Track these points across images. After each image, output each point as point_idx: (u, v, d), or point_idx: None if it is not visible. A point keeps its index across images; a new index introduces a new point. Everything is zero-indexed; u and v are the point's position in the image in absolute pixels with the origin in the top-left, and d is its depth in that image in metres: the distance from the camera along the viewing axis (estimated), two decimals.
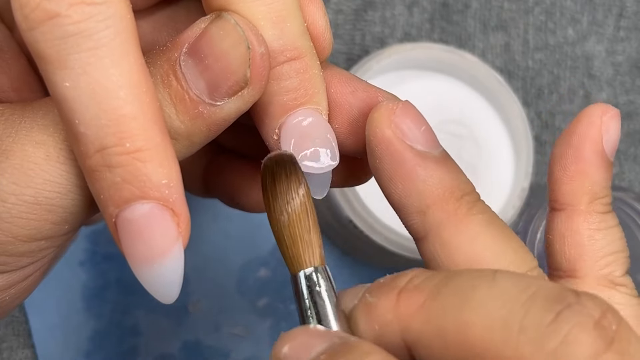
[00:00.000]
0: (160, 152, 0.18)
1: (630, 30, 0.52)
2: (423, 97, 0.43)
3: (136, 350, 0.43)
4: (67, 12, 0.17)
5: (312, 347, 0.18)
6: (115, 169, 0.17)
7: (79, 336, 0.42)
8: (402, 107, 0.21)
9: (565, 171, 0.22)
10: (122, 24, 0.17)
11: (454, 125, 0.42)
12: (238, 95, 0.19)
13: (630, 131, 0.51)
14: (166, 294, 0.19)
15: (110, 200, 0.18)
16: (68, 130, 0.18)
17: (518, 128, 0.42)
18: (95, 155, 0.18)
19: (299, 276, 0.21)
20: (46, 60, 0.17)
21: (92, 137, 0.17)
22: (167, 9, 0.26)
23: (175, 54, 0.19)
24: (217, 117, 0.19)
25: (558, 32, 0.51)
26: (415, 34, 0.49)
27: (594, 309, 0.16)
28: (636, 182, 0.50)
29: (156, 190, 0.18)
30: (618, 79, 0.51)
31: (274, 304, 0.44)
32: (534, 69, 0.50)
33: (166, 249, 0.18)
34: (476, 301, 0.17)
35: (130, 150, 0.17)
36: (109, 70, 0.17)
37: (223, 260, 0.45)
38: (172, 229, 0.18)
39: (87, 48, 0.17)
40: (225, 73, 0.19)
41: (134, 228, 0.18)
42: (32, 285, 0.22)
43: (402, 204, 0.21)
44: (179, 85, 0.19)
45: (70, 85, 0.17)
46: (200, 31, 0.19)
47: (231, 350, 0.43)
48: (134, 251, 0.18)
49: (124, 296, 0.43)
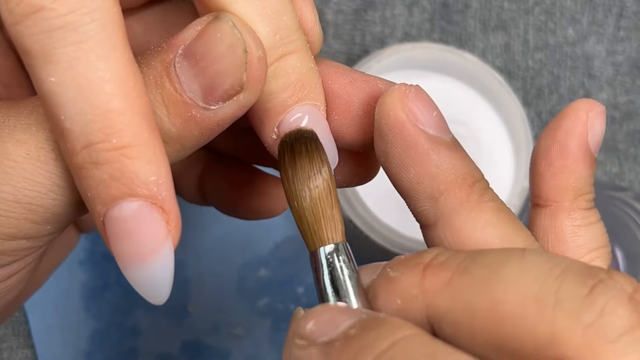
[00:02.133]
0: (149, 149, 0.17)
1: (630, 30, 0.52)
2: None
3: (136, 350, 0.43)
4: (51, 5, 0.16)
5: (339, 323, 0.17)
6: (102, 166, 0.17)
7: (79, 336, 0.42)
8: (414, 91, 0.21)
9: (550, 166, 0.22)
10: (108, 16, 0.17)
11: (454, 125, 0.42)
12: (233, 99, 0.19)
13: (630, 131, 0.51)
14: (156, 294, 0.19)
15: (97, 199, 0.18)
16: (54, 127, 0.18)
17: (518, 128, 0.42)
18: (82, 152, 0.17)
19: (319, 252, 0.20)
20: (31, 54, 0.17)
21: (79, 133, 0.17)
22: (157, 7, 0.25)
23: (170, 56, 0.19)
24: (210, 122, 0.19)
25: (558, 32, 0.51)
26: (416, 34, 0.49)
27: (626, 284, 0.16)
28: (636, 182, 0.50)
29: (144, 188, 0.17)
30: (618, 78, 0.51)
31: (273, 304, 0.44)
32: (534, 68, 0.50)
33: (155, 248, 0.18)
34: (507, 276, 0.16)
35: (117, 147, 0.17)
36: (95, 64, 0.17)
37: (223, 260, 0.45)
38: (162, 228, 0.18)
39: (73, 42, 0.17)
40: (221, 77, 0.18)
41: (122, 227, 0.17)
42: (18, 284, 0.22)
43: (414, 190, 0.20)
44: (173, 87, 0.18)
45: (55, 80, 0.17)
46: (196, 33, 0.19)
47: (231, 351, 0.43)
48: (122, 251, 0.18)
49: (124, 296, 0.43)
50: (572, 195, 0.22)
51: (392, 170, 0.21)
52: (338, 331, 0.17)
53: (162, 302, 0.19)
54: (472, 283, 0.17)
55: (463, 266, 0.17)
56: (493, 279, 0.17)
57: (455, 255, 0.18)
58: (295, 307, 0.40)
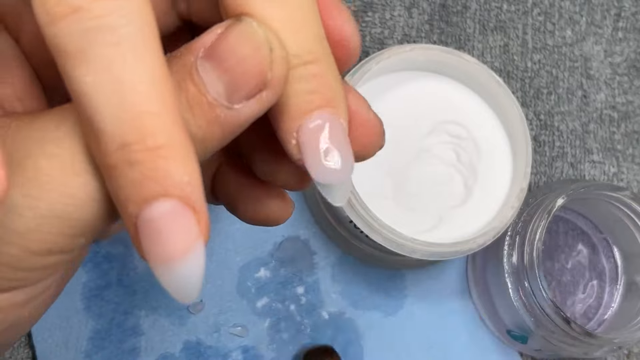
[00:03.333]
0: (182, 150, 0.18)
1: (628, 31, 0.52)
2: (422, 98, 0.43)
3: (137, 350, 0.43)
4: (89, 6, 0.17)
5: None
6: (136, 166, 0.17)
7: (80, 336, 0.43)
8: None
9: None
10: (144, 19, 0.17)
11: (453, 126, 0.43)
12: (256, 97, 0.19)
13: (628, 131, 0.51)
14: (186, 293, 0.19)
15: (130, 199, 0.18)
16: (87, 128, 0.18)
17: (517, 129, 0.42)
18: (116, 152, 0.17)
19: None
20: (67, 55, 0.17)
21: (113, 134, 0.17)
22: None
23: (191, 58, 0.19)
24: (234, 121, 0.19)
25: (556, 33, 0.51)
26: (415, 35, 0.49)
27: None
28: (634, 182, 0.50)
29: (178, 188, 0.17)
30: (616, 79, 0.51)
31: (273, 305, 0.44)
32: (532, 69, 0.50)
33: (188, 247, 0.18)
34: None
35: (152, 147, 0.17)
36: (131, 66, 0.17)
37: (223, 261, 0.45)
38: (194, 227, 0.18)
39: (110, 43, 0.17)
40: (246, 76, 0.18)
41: (155, 226, 0.18)
42: (49, 300, 0.22)
43: None
44: (197, 89, 0.19)
45: (91, 80, 0.17)
46: (216, 36, 0.19)
47: (231, 351, 0.43)
48: (154, 250, 0.18)
49: (125, 296, 0.43)
50: None
51: None
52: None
53: (191, 301, 0.19)
54: None
55: None
56: None
57: None
58: (295, 307, 0.40)
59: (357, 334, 0.45)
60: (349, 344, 0.45)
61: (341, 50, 0.22)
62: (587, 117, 0.50)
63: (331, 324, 0.45)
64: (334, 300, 0.45)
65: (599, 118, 0.51)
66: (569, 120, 0.50)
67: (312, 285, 0.45)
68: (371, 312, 0.45)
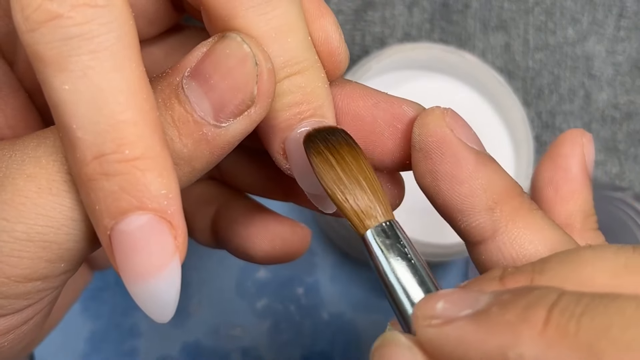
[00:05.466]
0: (160, 162, 0.17)
1: (630, 30, 0.52)
2: (423, 98, 0.42)
3: (135, 351, 0.43)
4: (69, 13, 0.16)
5: (475, 298, 0.17)
6: (113, 177, 0.17)
7: (77, 337, 0.42)
8: (451, 112, 0.21)
9: (557, 192, 0.22)
10: (124, 28, 0.17)
11: None
12: (244, 114, 0.19)
13: (630, 131, 0.51)
14: (161, 312, 0.18)
15: (106, 212, 0.17)
16: (64, 137, 0.17)
17: (518, 128, 0.42)
18: (93, 162, 0.17)
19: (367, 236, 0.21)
20: (45, 62, 0.17)
21: (90, 143, 0.17)
22: (178, 35, 0.25)
23: (177, 78, 0.18)
24: (221, 140, 0.19)
25: (558, 32, 0.51)
26: (415, 34, 0.49)
27: None
28: (636, 182, 0.50)
29: (154, 201, 0.17)
30: (618, 78, 0.51)
31: (273, 305, 0.44)
32: (534, 69, 0.50)
33: (163, 263, 0.17)
34: (585, 261, 0.17)
35: (129, 158, 0.17)
36: (110, 74, 0.17)
37: (223, 261, 0.45)
38: (170, 243, 0.17)
39: (89, 51, 0.16)
40: (232, 91, 0.18)
41: (129, 241, 0.17)
42: (33, 330, 0.21)
43: (468, 204, 0.21)
44: (182, 108, 0.18)
45: (69, 88, 0.17)
46: (201, 54, 0.19)
47: (231, 351, 0.43)
48: (128, 266, 0.17)
49: (123, 298, 0.43)
50: (581, 218, 0.22)
51: (442, 187, 0.21)
52: (483, 302, 0.17)
53: (166, 320, 0.18)
54: (555, 276, 0.17)
55: (538, 269, 0.17)
56: (573, 267, 0.17)
57: (523, 266, 0.18)
58: (294, 308, 0.40)
59: (357, 334, 0.45)
60: (349, 344, 0.44)
61: (329, 64, 0.21)
62: (589, 117, 0.50)
63: (331, 325, 0.45)
64: (334, 301, 0.45)
65: (601, 118, 0.50)
66: (570, 120, 0.50)
67: (312, 286, 0.45)
68: (371, 312, 0.45)
